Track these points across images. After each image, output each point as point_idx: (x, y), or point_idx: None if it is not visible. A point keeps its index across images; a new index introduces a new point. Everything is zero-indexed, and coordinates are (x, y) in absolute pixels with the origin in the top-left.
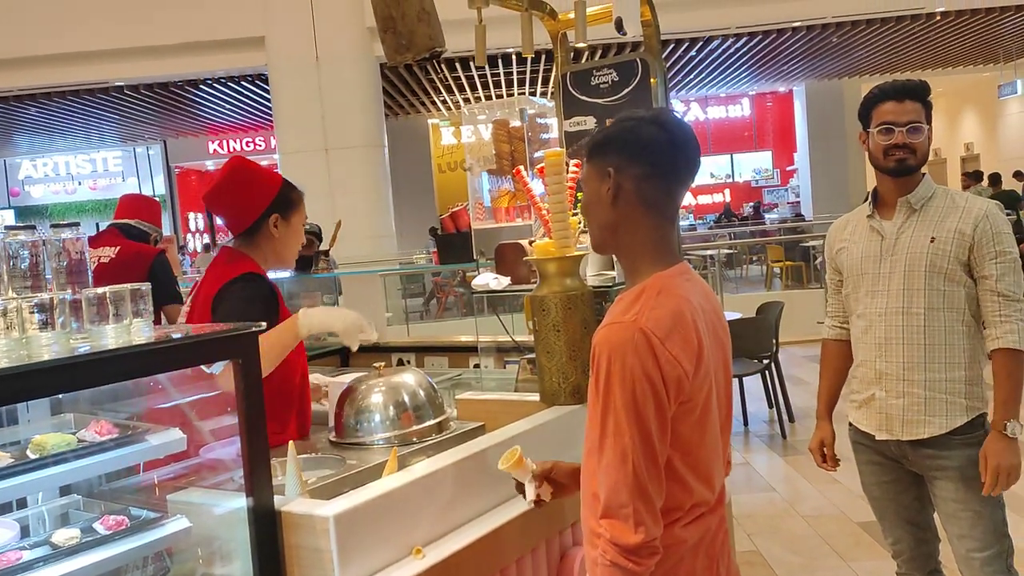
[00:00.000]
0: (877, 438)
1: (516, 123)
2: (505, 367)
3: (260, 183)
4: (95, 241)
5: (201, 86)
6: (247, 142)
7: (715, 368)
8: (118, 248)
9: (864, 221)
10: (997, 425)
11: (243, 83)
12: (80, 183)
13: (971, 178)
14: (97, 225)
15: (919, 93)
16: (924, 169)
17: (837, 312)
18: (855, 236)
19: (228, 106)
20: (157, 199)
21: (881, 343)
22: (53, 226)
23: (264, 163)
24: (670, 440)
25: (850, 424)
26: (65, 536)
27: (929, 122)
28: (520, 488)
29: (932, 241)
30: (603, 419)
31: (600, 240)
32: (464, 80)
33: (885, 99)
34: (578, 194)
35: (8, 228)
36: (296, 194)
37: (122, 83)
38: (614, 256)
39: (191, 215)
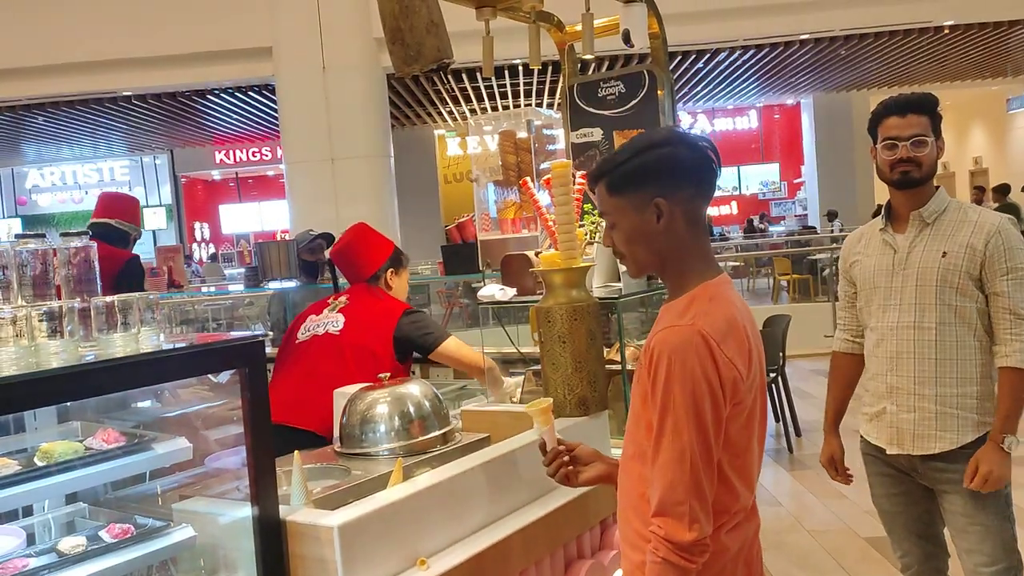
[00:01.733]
0: (888, 452)
1: (523, 134)
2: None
3: (378, 244)
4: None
5: (208, 96)
6: (253, 152)
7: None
8: None
9: (878, 234)
10: (995, 437)
11: (250, 93)
12: (87, 192)
13: (979, 192)
14: None
15: (924, 106)
16: (936, 182)
17: (849, 325)
18: (868, 249)
19: (235, 116)
20: (135, 196)
21: (893, 357)
22: (63, 234)
23: (270, 173)
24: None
25: (861, 437)
26: (71, 544)
27: (937, 134)
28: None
29: (944, 255)
30: (661, 419)
31: (649, 266)
32: (471, 91)
33: (889, 114)
34: (585, 206)
35: (18, 236)
36: (404, 256)
37: (130, 93)
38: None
39: (196, 224)
